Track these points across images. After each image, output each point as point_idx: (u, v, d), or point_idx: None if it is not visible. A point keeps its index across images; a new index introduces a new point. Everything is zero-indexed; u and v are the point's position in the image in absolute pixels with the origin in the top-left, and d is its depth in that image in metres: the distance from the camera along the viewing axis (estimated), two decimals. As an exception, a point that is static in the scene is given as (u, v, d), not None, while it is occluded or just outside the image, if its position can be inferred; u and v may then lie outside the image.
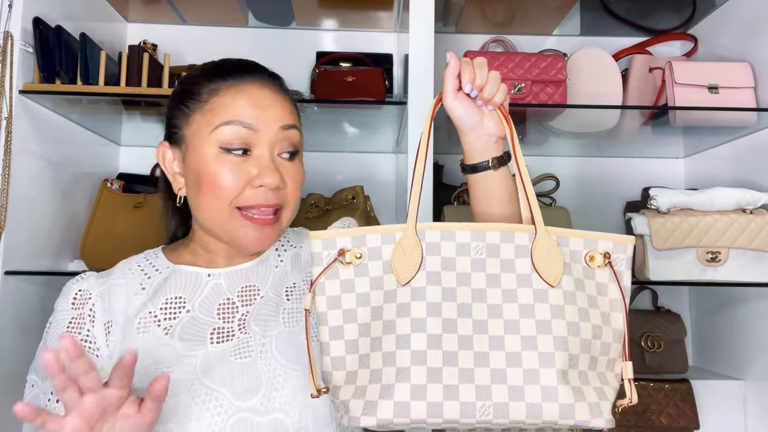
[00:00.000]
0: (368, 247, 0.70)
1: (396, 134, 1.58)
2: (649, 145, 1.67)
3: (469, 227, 0.69)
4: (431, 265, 0.68)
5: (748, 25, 1.47)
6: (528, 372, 0.65)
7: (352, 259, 0.69)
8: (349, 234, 0.70)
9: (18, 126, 1.19)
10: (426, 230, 0.69)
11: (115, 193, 1.45)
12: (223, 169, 0.77)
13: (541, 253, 0.69)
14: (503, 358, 0.65)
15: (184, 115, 0.81)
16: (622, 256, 0.71)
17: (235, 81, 0.81)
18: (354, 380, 0.68)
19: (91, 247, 1.40)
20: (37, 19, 1.23)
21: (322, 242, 0.70)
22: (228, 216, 0.78)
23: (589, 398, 0.66)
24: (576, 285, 0.69)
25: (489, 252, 0.69)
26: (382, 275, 0.69)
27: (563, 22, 1.68)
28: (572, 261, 0.70)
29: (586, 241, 0.70)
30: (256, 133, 0.78)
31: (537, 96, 1.36)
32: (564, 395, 0.64)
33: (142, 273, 0.84)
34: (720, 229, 1.34)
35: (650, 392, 1.42)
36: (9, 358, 1.17)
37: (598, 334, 0.68)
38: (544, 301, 0.67)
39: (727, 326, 1.54)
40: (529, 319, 0.66)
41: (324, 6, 1.59)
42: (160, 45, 1.64)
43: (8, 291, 1.17)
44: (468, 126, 0.77)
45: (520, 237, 0.69)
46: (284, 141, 0.80)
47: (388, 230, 0.70)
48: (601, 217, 1.71)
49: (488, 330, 0.66)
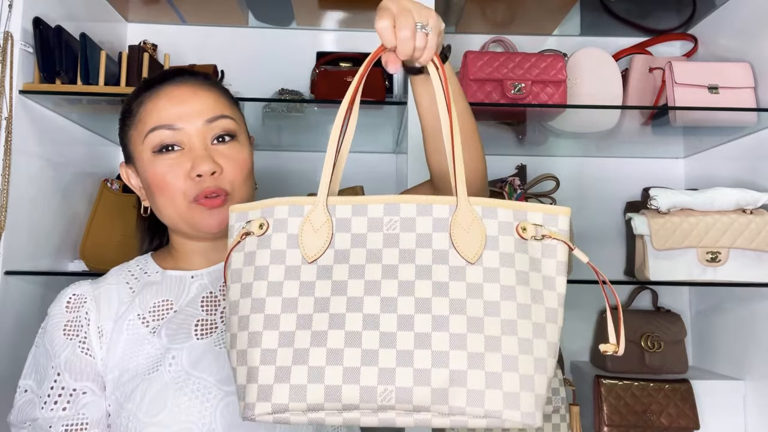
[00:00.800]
0: (274, 218, 0.64)
1: (396, 134, 1.58)
2: (649, 145, 1.67)
3: (383, 200, 0.64)
4: (340, 243, 0.63)
5: (748, 25, 1.47)
6: (437, 354, 0.58)
7: (255, 229, 0.64)
8: (260, 206, 0.65)
9: (18, 126, 1.19)
10: (337, 205, 0.64)
11: (115, 193, 1.45)
12: (162, 169, 0.80)
13: (461, 227, 0.63)
14: (411, 339, 0.59)
15: (125, 134, 0.86)
16: (554, 229, 0.65)
17: (157, 88, 0.84)
18: (245, 361, 0.62)
19: (91, 247, 1.39)
20: (37, 19, 1.23)
21: (236, 215, 0.66)
22: (186, 209, 0.81)
23: (506, 386, 0.59)
24: (502, 261, 0.62)
25: (403, 226, 0.63)
26: (285, 249, 0.63)
27: (563, 22, 1.68)
28: (501, 234, 0.63)
29: (515, 212, 0.64)
30: (180, 131, 0.81)
31: (537, 96, 1.36)
32: (474, 380, 0.58)
33: (133, 277, 0.87)
34: (720, 230, 1.34)
35: (650, 392, 1.42)
36: (9, 358, 1.17)
37: (526, 313, 0.62)
38: (461, 279, 0.61)
39: (727, 326, 1.54)
40: (442, 297, 0.60)
41: (324, 6, 1.59)
42: (160, 45, 1.64)
43: (8, 291, 1.17)
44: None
45: (439, 210, 0.63)
46: (215, 130, 0.82)
47: (297, 202, 0.65)
48: (601, 217, 1.71)
49: (397, 309, 0.60)
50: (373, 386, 0.58)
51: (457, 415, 0.59)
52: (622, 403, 1.42)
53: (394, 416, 0.59)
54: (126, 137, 0.86)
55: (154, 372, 0.77)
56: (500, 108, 1.37)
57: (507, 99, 1.35)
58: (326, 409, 0.59)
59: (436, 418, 0.59)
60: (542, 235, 0.64)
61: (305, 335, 0.60)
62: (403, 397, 0.58)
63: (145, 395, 0.76)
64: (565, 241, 0.64)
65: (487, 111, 1.40)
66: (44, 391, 0.79)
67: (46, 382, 0.80)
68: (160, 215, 0.85)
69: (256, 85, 1.60)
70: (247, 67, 1.68)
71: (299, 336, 0.60)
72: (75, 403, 0.79)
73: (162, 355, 0.78)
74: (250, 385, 0.60)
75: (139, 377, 0.77)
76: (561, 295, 0.64)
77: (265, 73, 1.67)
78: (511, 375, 0.59)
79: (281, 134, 1.61)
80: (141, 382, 0.77)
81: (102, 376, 0.80)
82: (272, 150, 1.70)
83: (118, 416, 0.77)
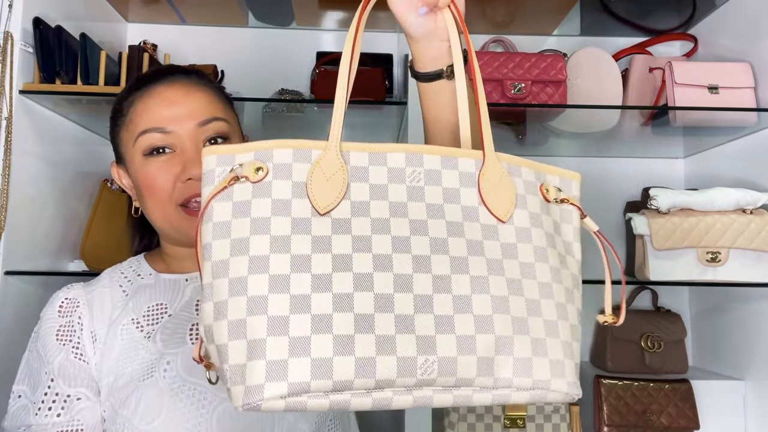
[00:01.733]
0: (274, 162, 0.54)
1: (396, 134, 1.58)
2: (649, 145, 1.67)
3: (404, 148, 0.57)
4: (357, 194, 0.55)
5: (748, 25, 1.47)
6: (479, 319, 0.52)
7: (249, 173, 0.53)
8: (252, 148, 0.55)
9: (18, 126, 1.19)
10: (351, 151, 0.56)
11: (115, 193, 1.45)
12: (152, 172, 0.79)
13: (491, 182, 0.57)
14: (450, 303, 0.52)
15: (117, 134, 0.84)
16: (570, 194, 0.62)
17: (148, 87, 0.81)
18: (243, 333, 0.50)
19: (91, 247, 1.39)
20: (37, 19, 1.23)
21: (217, 158, 0.55)
22: (174, 214, 0.79)
23: (551, 354, 0.54)
24: (532, 221, 0.58)
25: (428, 179, 0.56)
26: (291, 199, 0.53)
27: (563, 22, 1.68)
28: (527, 192, 0.59)
29: (537, 173, 0.60)
30: (172, 134, 0.79)
31: (537, 96, 1.36)
32: (521, 347, 0.53)
33: (126, 280, 0.85)
34: (720, 230, 1.34)
35: (650, 392, 1.42)
36: (9, 358, 1.17)
37: (557, 277, 0.57)
38: (495, 238, 0.56)
39: (727, 326, 1.54)
40: (478, 257, 0.54)
41: (324, 6, 1.59)
42: (160, 45, 1.64)
43: (8, 291, 1.17)
44: (420, 33, 0.65)
45: (465, 163, 0.58)
46: (207, 132, 0.80)
47: (303, 146, 0.55)
48: (601, 217, 1.71)
49: (432, 269, 0.53)
50: (413, 357, 0.50)
51: (502, 388, 0.53)
52: (622, 403, 1.42)
53: (431, 394, 0.52)
54: (117, 137, 0.84)
55: (149, 378, 0.76)
56: (500, 108, 1.37)
57: (507, 99, 1.35)
58: (355, 387, 0.49)
59: (477, 394, 0.53)
60: (561, 199, 0.61)
61: (325, 299, 0.50)
62: (448, 368, 0.50)
63: (140, 402, 0.74)
64: (578, 206, 0.62)
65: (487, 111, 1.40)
66: (38, 397, 0.78)
67: (39, 388, 0.78)
68: (149, 218, 0.83)
69: (256, 85, 1.60)
70: (247, 67, 1.68)
71: (317, 299, 0.50)
72: (69, 409, 0.77)
73: (157, 361, 0.77)
74: (253, 363, 0.48)
75: (134, 383, 0.76)
76: (579, 262, 0.61)
77: (265, 73, 1.67)
78: (554, 341, 0.54)
79: (281, 134, 1.60)
80: (136, 388, 0.75)
81: (96, 381, 0.79)
82: (272, 150, 1.70)
83: (114, 423, 0.76)
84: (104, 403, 0.78)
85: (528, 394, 0.53)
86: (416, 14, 0.64)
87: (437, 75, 0.68)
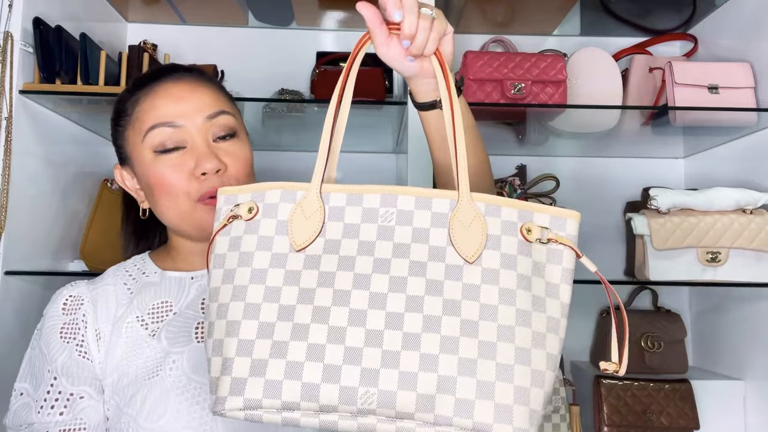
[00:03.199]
0: (265, 203, 0.61)
1: (396, 134, 1.58)
2: (649, 145, 1.67)
3: (380, 190, 0.60)
4: (332, 233, 0.59)
5: (748, 25, 1.47)
6: (425, 357, 0.54)
7: (243, 213, 0.61)
8: (251, 189, 0.62)
9: (18, 126, 1.19)
10: (331, 192, 0.61)
11: (115, 193, 1.45)
12: (165, 169, 0.78)
13: (462, 223, 0.59)
14: (399, 339, 0.55)
15: (120, 134, 0.84)
16: (561, 233, 0.60)
17: (152, 85, 0.82)
18: (220, 351, 0.57)
19: (91, 247, 1.39)
20: (37, 19, 1.23)
21: (225, 198, 0.63)
22: (191, 209, 0.79)
23: (499, 398, 0.54)
24: (503, 262, 0.58)
25: (399, 219, 0.59)
26: (273, 236, 0.60)
27: (563, 22, 1.68)
28: (504, 233, 0.59)
29: (520, 212, 0.60)
30: (182, 129, 0.79)
31: (537, 96, 1.36)
32: (464, 388, 0.54)
33: (130, 278, 0.85)
34: (720, 230, 1.34)
35: (650, 392, 1.42)
36: (9, 358, 1.17)
37: (525, 321, 0.57)
38: (457, 279, 0.57)
39: (727, 326, 1.54)
40: (435, 296, 0.56)
41: (324, 6, 1.59)
42: (160, 45, 1.64)
43: (8, 291, 1.17)
44: (408, 74, 0.71)
45: (439, 204, 0.60)
46: (215, 127, 0.80)
47: (290, 187, 0.61)
48: (601, 217, 1.71)
49: (386, 306, 0.56)
50: (354, 387, 0.54)
51: (443, 425, 0.54)
52: (622, 403, 1.42)
53: (375, 422, 0.55)
54: (121, 138, 0.84)
55: (155, 377, 0.75)
56: (500, 108, 1.37)
57: (507, 99, 1.35)
58: (302, 408, 0.55)
59: (420, 428, 0.55)
60: (548, 238, 0.60)
61: (286, 327, 0.56)
62: (386, 401, 0.54)
63: (146, 400, 0.74)
64: (572, 247, 0.60)
65: (487, 111, 1.40)
66: (40, 395, 0.78)
67: (42, 386, 0.78)
68: (161, 217, 0.83)
69: (256, 85, 1.60)
70: (247, 67, 1.68)
71: (279, 327, 0.56)
72: (72, 407, 0.77)
73: (162, 359, 0.77)
74: (223, 377, 0.56)
75: (139, 381, 0.76)
76: (565, 305, 0.60)
77: (265, 73, 1.67)
78: (505, 386, 0.54)
79: (281, 134, 1.61)
80: (141, 386, 0.75)
81: (100, 379, 0.79)
82: (272, 150, 1.70)
83: (118, 421, 0.76)
84: (108, 402, 0.78)
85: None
86: (404, 61, 0.68)
87: (432, 105, 0.74)
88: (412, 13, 0.63)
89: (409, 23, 0.63)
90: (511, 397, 0.54)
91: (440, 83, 0.65)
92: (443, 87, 0.65)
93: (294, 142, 1.67)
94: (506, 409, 0.54)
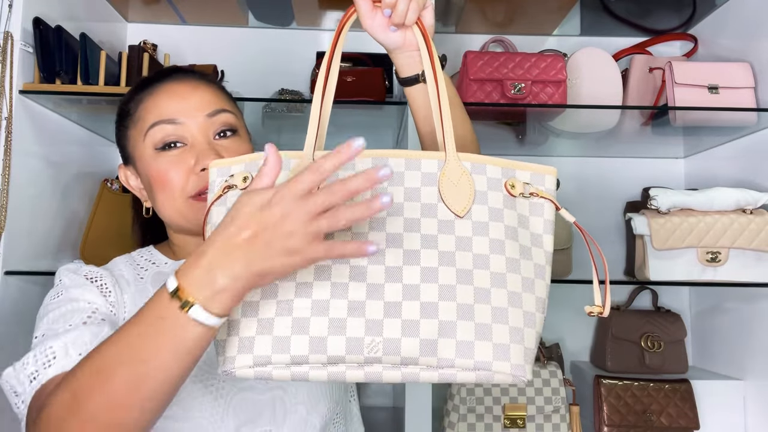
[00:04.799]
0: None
1: (396, 134, 1.58)
2: (649, 145, 1.67)
3: (371, 154, 0.63)
4: None
5: (748, 25, 1.47)
6: (425, 305, 0.58)
7: (239, 183, 0.62)
8: (244, 160, 0.64)
9: (18, 126, 1.19)
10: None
11: (115, 193, 1.45)
12: (165, 166, 0.79)
13: (450, 181, 0.63)
14: (399, 291, 0.58)
15: (124, 135, 0.85)
16: (541, 187, 0.66)
17: (154, 86, 0.83)
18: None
19: (91, 248, 1.39)
20: (37, 19, 1.23)
21: (217, 170, 0.64)
22: (187, 207, 0.80)
23: (496, 338, 0.58)
24: (491, 215, 0.63)
25: (391, 180, 0.63)
26: None
27: (563, 22, 1.68)
28: (490, 189, 0.64)
29: (504, 170, 0.65)
30: (183, 126, 0.80)
31: (537, 96, 1.36)
32: (463, 331, 0.58)
33: (139, 266, 0.86)
34: (720, 230, 1.34)
35: (650, 392, 1.42)
36: (9, 358, 1.17)
37: (515, 267, 0.62)
38: (450, 232, 0.61)
39: (727, 326, 1.54)
40: (431, 249, 0.60)
41: (324, 6, 1.59)
42: (160, 45, 1.64)
43: (8, 291, 1.17)
44: (391, 47, 0.75)
45: (428, 164, 0.63)
46: (215, 125, 0.82)
47: (284, 156, 0.63)
48: (601, 217, 1.71)
49: (385, 261, 0.59)
50: (360, 337, 0.57)
51: (446, 367, 0.58)
52: (622, 403, 1.42)
53: (380, 370, 0.58)
54: (124, 138, 0.85)
55: None
56: (500, 108, 1.37)
57: (507, 99, 1.35)
58: (310, 362, 0.57)
59: (424, 372, 0.58)
60: (530, 192, 0.65)
61: (289, 287, 0.59)
62: (391, 348, 0.57)
63: None
64: (552, 200, 0.65)
65: (487, 111, 1.40)
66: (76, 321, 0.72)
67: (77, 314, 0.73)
68: (159, 212, 0.84)
69: (256, 85, 1.60)
70: (247, 67, 1.68)
71: (283, 288, 0.59)
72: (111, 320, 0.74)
73: None
74: (230, 338, 0.58)
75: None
76: (548, 252, 0.65)
77: (265, 73, 1.67)
78: (501, 327, 0.59)
79: (281, 134, 1.61)
80: None
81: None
82: (272, 150, 1.70)
83: None
84: None
85: (473, 375, 0.58)
86: (387, 32, 0.72)
87: (414, 79, 0.77)
88: None
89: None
90: (507, 336, 0.59)
91: (423, 52, 0.69)
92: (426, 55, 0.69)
93: (294, 142, 1.67)
94: (503, 348, 0.58)
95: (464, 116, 0.82)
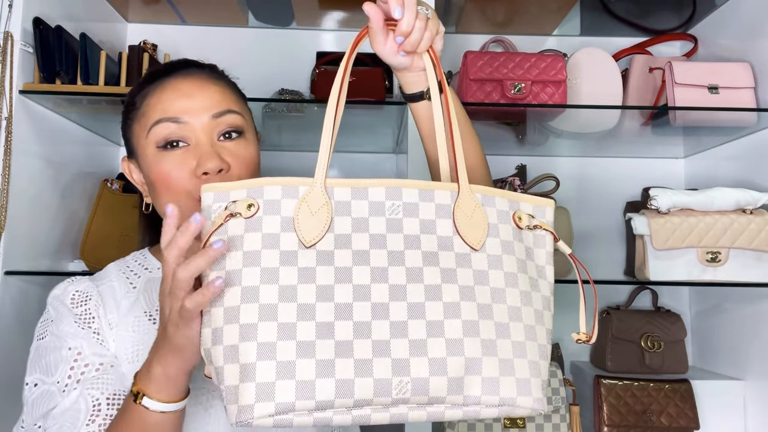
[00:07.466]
0: (265, 199, 0.59)
1: (396, 134, 1.58)
2: (649, 145, 1.67)
3: (384, 183, 0.61)
4: (341, 228, 0.60)
5: (748, 25, 1.47)
6: (451, 342, 0.56)
7: (242, 211, 0.58)
8: (244, 185, 0.60)
9: (18, 126, 1.19)
10: (335, 187, 0.61)
11: (115, 193, 1.45)
12: (167, 166, 0.77)
13: (464, 213, 0.62)
14: (423, 328, 0.56)
15: (129, 127, 0.83)
16: (543, 220, 0.66)
17: (162, 80, 0.81)
18: (236, 357, 0.55)
19: (91, 247, 1.39)
20: (37, 19, 1.23)
21: (213, 194, 0.60)
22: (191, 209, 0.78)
23: (518, 373, 0.58)
24: (503, 248, 0.62)
25: (406, 212, 0.61)
26: (279, 233, 0.58)
27: (563, 22, 1.68)
28: (500, 222, 0.63)
29: (510, 202, 0.65)
30: (186, 125, 0.77)
31: (537, 96, 1.36)
32: (489, 368, 0.57)
33: (133, 273, 0.85)
34: (720, 230, 1.34)
35: (650, 392, 1.42)
36: (9, 358, 1.17)
37: (527, 300, 0.62)
38: (467, 266, 0.60)
39: (727, 326, 1.54)
40: (451, 284, 0.59)
41: (324, 6, 1.59)
42: (160, 45, 1.64)
43: (8, 291, 1.17)
44: (399, 68, 0.75)
45: (441, 195, 0.62)
46: (220, 126, 0.79)
47: (291, 183, 0.60)
48: (601, 217, 1.71)
49: (407, 297, 0.57)
50: (388, 378, 0.54)
51: (471, 405, 0.57)
52: (622, 403, 1.42)
53: (406, 411, 0.56)
54: (129, 131, 0.83)
55: None
56: (500, 108, 1.37)
57: (507, 99, 1.35)
58: (336, 406, 0.54)
59: (449, 410, 0.57)
60: (535, 225, 0.65)
61: (309, 326, 0.55)
62: (420, 388, 0.55)
63: None
64: (552, 232, 0.66)
65: (487, 111, 1.40)
66: (54, 380, 0.74)
67: (62, 366, 0.74)
68: (161, 213, 0.82)
69: (256, 85, 1.59)
70: (247, 67, 1.67)
71: (302, 327, 0.55)
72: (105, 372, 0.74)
73: None
74: (245, 385, 0.54)
75: None
76: (551, 284, 0.65)
77: (265, 73, 1.66)
78: (521, 361, 0.59)
79: (281, 134, 1.61)
80: None
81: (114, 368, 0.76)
82: (272, 150, 1.70)
83: None
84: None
85: (496, 410, 0.58)
86: (397, 56, 0.71)
87: (419, 96, 0.76)
88: (411, 12, 0.66)
89: (407, 21, 0.66)
90: (528, 371, 0.59)
91: (430, 78, 0.69)
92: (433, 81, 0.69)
93: (294, 142, 1.67)
94: (525, 383, 0.58)
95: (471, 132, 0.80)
